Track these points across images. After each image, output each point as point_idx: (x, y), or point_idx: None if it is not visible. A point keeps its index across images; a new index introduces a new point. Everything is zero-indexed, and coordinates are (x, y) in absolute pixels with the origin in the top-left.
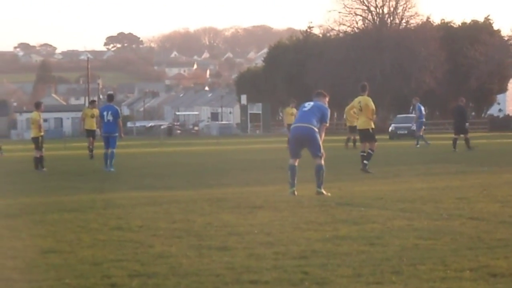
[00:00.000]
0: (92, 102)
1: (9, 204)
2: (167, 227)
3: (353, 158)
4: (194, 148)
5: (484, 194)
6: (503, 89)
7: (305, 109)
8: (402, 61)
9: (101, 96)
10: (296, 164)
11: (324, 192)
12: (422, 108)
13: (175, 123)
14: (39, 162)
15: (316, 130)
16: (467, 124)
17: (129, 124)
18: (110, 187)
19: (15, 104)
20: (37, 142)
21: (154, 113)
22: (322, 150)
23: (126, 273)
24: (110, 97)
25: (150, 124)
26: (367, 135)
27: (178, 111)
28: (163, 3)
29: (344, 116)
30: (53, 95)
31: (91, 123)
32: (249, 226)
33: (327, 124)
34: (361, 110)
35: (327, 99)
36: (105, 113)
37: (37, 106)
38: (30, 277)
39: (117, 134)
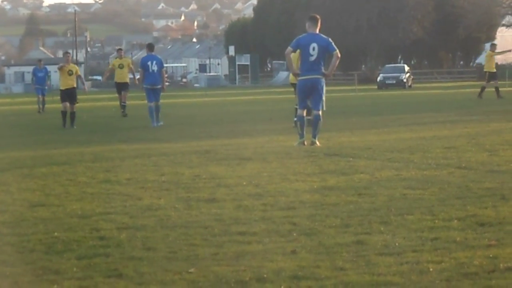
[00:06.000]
0: (119, 50)
1: None
2: (155, 180)
3: (349, 109)
4: (182, 100)
5: (472, 143)
6: (491, 38)
7: (312, 58)
8: (389, 11)
9: (89, 49)
10: (305, 114)
11: (317, 143)
12: None
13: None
14: (64, 116)
15: (323, 79)
16: None
17: None
18: (98, 140)
19: (3, 57)
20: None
21: None
22: (323, 105)
23: (115, 226)
24: (151, 47)
25: (138, 76)
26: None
27: (166, 63)
28: None
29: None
30: (41, 48)
31: (121, 75)
32: (238, 177)
33: (338, 53)
34: None
35: (319, 22)
36: (149, 63)
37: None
38: (18, 231)
39: (160, 86)
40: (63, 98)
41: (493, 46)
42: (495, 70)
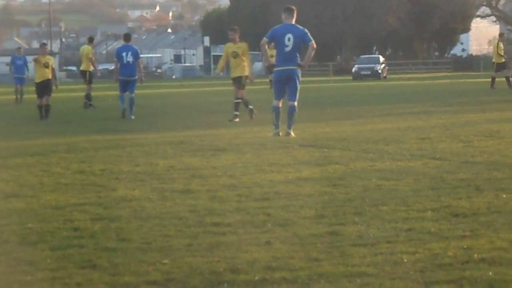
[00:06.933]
0: (93, 39)
1: None
2: (129, 171)
3: (323, 100)
4: (157, 91)
5: (446, 134)
6: (466, 29)
7: (288, 49)
8: (364, 2)
9: (63, 39)
10: (280, 105)
11: (292, 134)
12: None
13: None
14: (41, 109)
15: (299, 70)
16: None
17: None
18: (73, 131)
19: None
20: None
21: None
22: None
23: (89, 217)
24: (128, 37)
25: (112, 67)
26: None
27: (141, 53)
28: None
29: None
30: (15, 38)
31: (88, 64)
32: (212, 168)
33: (314, 44)
34: None
35: (295, 13)
36: (124, 54)
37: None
38: None
39: (136, 77)
40: (39, 93)
41: (500, 36)
42: (503, 60)
